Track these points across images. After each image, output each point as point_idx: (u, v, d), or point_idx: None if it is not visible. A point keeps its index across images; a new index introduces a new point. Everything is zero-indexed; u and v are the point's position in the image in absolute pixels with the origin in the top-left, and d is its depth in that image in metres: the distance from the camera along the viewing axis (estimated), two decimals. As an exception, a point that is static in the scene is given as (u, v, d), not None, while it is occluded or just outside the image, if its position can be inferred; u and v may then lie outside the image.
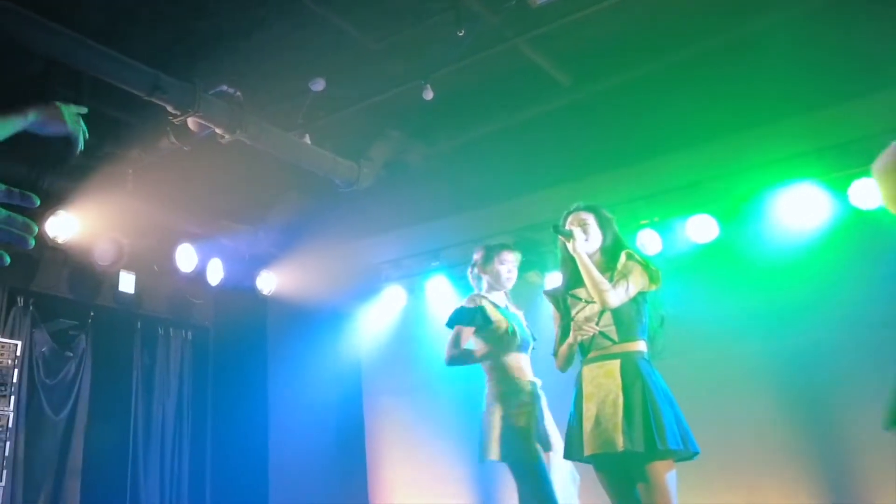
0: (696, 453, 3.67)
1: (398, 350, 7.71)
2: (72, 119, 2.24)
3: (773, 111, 5.50)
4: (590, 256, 3.83)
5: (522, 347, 4.45)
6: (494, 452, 4.21)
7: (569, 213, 4.01)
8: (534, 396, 4.33)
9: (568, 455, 3.90)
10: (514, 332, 4.40)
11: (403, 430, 7.71)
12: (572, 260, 3.85)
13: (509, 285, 4.61)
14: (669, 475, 3.59)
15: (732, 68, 5.48)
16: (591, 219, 3.95)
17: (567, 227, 3.91)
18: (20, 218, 1.22)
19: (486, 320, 4.42)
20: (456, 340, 4.44)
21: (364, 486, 7.79)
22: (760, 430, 5.57)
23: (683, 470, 3.67)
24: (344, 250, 7.26)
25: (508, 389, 4.32)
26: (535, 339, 4.56)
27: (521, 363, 4.42)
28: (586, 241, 3.87)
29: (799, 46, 5.15)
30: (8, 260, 1.17)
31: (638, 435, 3.52)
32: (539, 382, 4.41)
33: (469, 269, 4.73)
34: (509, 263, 4.58)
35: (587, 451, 3.68)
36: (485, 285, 4.62)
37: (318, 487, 7.50)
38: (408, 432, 7.67)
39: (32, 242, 1.24)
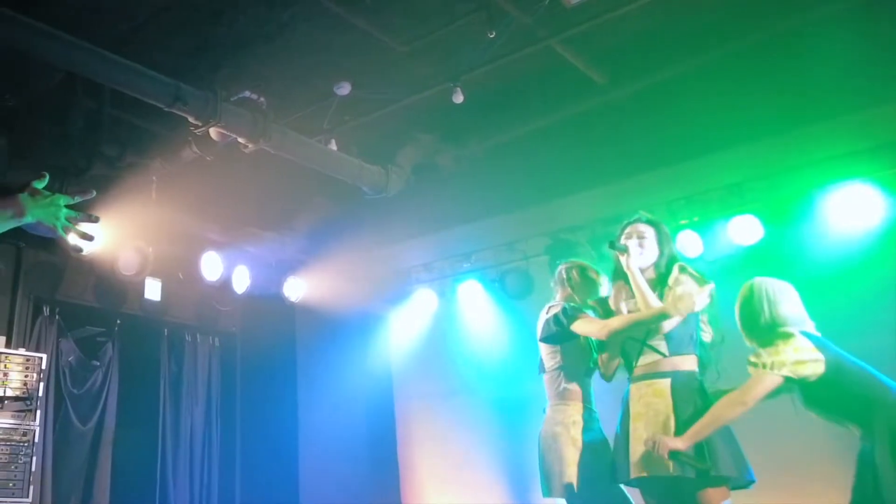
0: (752, 482, 3.49)
1: (430, 354, 7.58)
2: (40, 212, 2.01)
3: (822, 107, 5.26)
4: (642, 270, 3.72)
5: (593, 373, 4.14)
6: (570, 488, 3.81)
7: (629, 223, 3.88)
8: (601, 429, 4.05)
9: (613, 477, 3.73)
10: (594, 354, 4.07)
11: (436, 435, 7.59)
12: (626, 274, 3.73)
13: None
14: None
15: (778, 64, 5.26)
16: (649, 232, 3.82)
17: (624, 239, 3.79)
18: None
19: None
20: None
21: (397, 493, 7.69)
22: (815, 449, 5.24)
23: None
24: (373, 254, 7.12)
25: (583, 418, 3.96)
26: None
27: (593, 390, 4.11)
28: (641, 254, 3.75)
29: (849, 40, 4.91)
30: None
31: (690, 459, 3.36)
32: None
33: (561, 273, 4.26)
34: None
35: (634, 474, 3.53)
36: (562, 296, 4.19)
37: (349, 494, 7.39)
38: (440, 437, 7.55)
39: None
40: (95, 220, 2.25)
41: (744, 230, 5.80)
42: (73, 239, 2.19)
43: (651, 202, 5.67)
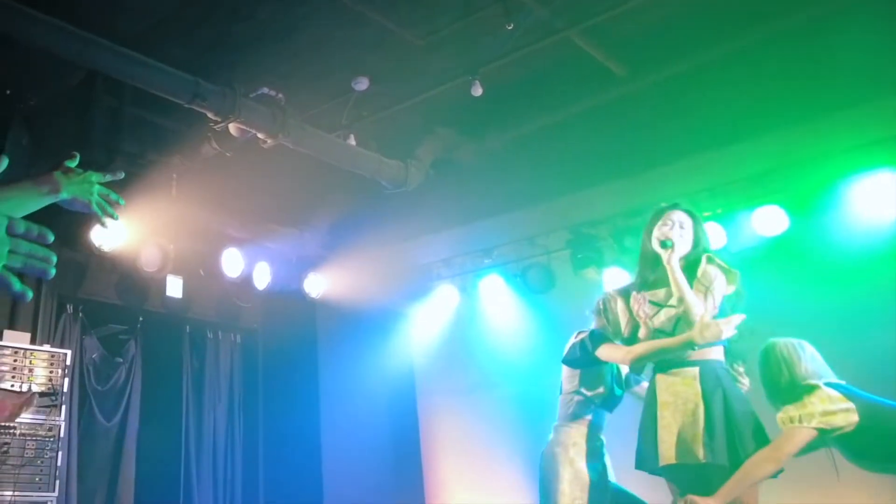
0: (780, 470, 3.44)
1: (451, 350, 7.53)
2: (75, 188, 2.09)
3: (846, 95, 5.16)
4: None
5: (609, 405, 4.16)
6: None
7: (668, 208, 3.76)
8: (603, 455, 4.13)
9: (640, 465, 3.72)
10: (615, 387, 4.09)
11: (459, 431, 7.55)
12: (654, 260, 3.66)
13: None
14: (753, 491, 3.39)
15: (801, 51, 5.17)
16: (688, 223, 3.70)
17: (661, 225, 3.68)
18: (41, 250, 1.31)
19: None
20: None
21: (420, 489, 7.67)
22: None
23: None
24: (393, 250, 7.10)
25: (585, 442, 4.05)
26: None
27: (606, 421, 4.15)
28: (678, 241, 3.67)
29: (872, 26, 4.81)
30: (30, 295, 1.28)
31: (721, 447, 3.35)
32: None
33: (599, 304, 4.23)
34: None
35: (663, 462, 3.49)
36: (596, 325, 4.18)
37: (373, 489, 7.39)
38: (464, 433, 7.51)
39: (52, 272, 1.32)
40: (122, 202, 2.35)
41: (768, 221, 5.71)
42: (105, 216, 2.30)
43: (673, 194, 5.52)
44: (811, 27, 5.05)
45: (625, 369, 4.16)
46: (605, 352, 3.88)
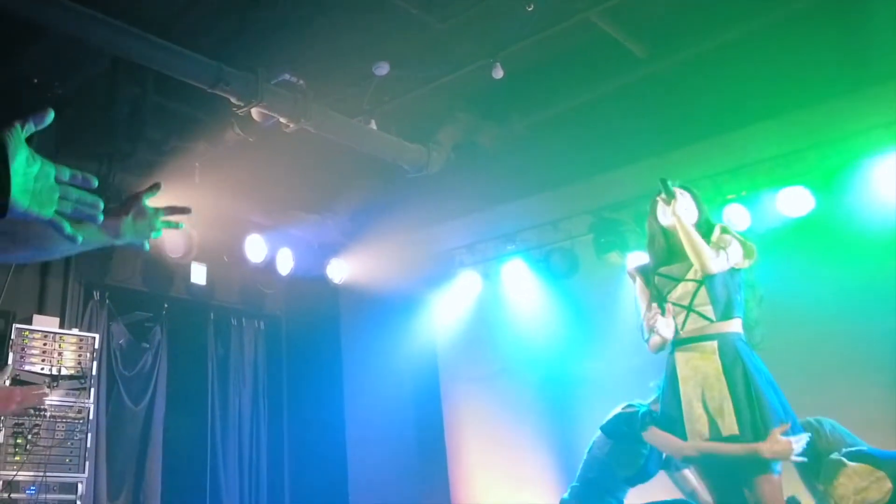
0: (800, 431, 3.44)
1: (475, 336, 7.52)
2: (135, 232, 1.90)
3: (872, 73, 5.09)
4: None
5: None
6: None
7: (661, 192, 3.78)
8: None
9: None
10: (647, 465, 4.03)
11: (483, 417, 7.56)
12: (664, 234, 3.68)
13: None
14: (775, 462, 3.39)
15: (826, 29, 5.10)
16: (685, 195, 3.73)
17: (661, 203, 3.68)
18: (89, 197, 1.37)
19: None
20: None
21: (444, 472, 7.69)
22: (862, 416, 5.15)
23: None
24: (416, 236, 7.10)
25: None
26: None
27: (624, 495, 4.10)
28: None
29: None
30: (81, 239, 1.37)
31: (745, 422, 3.34)
32: None
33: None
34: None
35: (690, 438, 3.47)
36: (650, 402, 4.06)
37: (397, 475, 7.43)
38: (488, 419, 7.52)
39: (101, 217, 1.39)
40: (187, 211, 2.13)
41: (793, 201, 5.64)
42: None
43: (696, 176, 5.57)
44: (835, 4, 4.99)
45: None
46: (655, 438, 3.72)
